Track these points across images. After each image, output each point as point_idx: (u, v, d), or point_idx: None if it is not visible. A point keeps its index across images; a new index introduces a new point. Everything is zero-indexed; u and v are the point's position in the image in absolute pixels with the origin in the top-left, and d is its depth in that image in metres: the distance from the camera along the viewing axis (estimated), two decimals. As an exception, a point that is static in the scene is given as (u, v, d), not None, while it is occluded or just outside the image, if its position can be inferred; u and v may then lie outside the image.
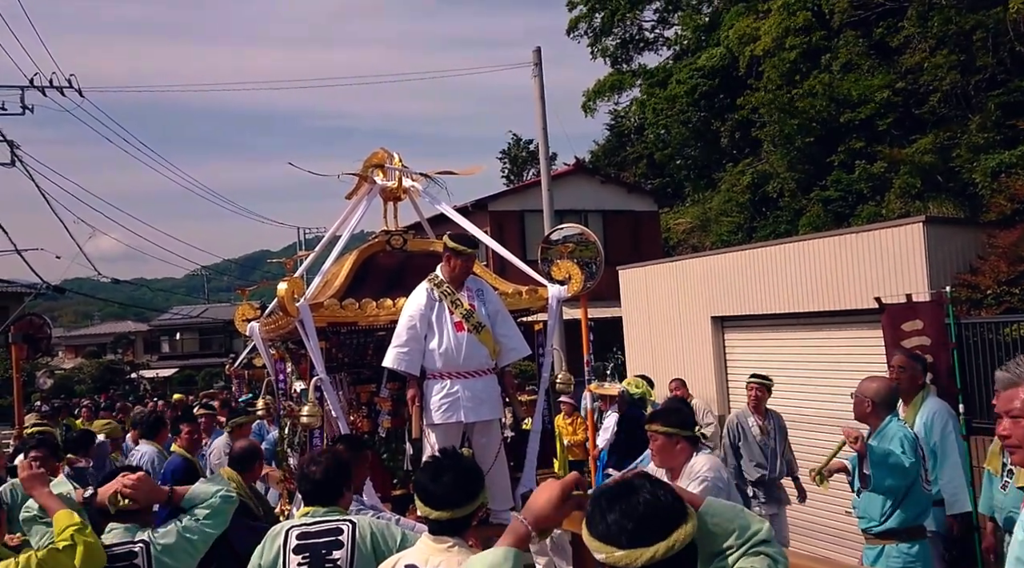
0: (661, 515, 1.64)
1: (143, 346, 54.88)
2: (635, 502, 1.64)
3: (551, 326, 5.47)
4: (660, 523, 1.63)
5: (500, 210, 20.24)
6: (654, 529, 1.61)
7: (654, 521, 1.62)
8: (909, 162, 15.34)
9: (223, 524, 3.37)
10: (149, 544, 3.14)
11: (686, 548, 1.64)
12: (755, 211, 19.98)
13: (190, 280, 74.92)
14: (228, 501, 3.38)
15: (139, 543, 3.15)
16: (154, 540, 3.16)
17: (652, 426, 4.11)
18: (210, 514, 3.30)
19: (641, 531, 1.61)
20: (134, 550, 3.13)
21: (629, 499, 1.65)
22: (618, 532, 1.61)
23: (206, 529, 3.30)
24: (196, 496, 3.35)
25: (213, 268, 54.27)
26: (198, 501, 3.32)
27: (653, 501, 1.65)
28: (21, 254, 19.57)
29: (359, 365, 5.18)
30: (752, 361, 9.43)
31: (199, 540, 3.28)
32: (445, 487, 2.71)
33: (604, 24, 27.24)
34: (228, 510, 3.38)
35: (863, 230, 8.20)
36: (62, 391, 34.66)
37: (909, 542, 4.42)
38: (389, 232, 5.54)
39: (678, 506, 1.68)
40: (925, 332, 6.83)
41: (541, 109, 16.26)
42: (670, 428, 4.02)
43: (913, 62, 15.87)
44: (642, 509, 1.63)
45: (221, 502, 3.34)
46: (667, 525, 1.63)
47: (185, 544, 3.23)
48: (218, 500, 3.34)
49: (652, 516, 1.63)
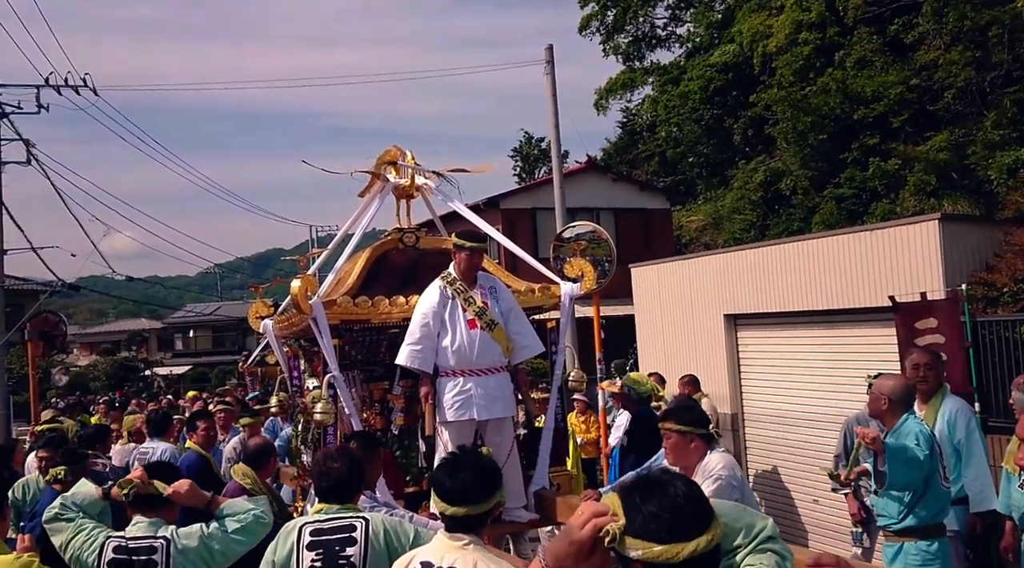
0: (699, 508, 1.60)
1: (157, 343, 55.21)
2: (672, 494, 1.59)
3: (564, 324, 5.46)
4: (699, 516, 1.58)
5: (512, 208, 20.24)
6: (694, 522, 1.56)
7: (693, 514, 1.57)
8: (924, 159, 15.24)
9: (250, 543, 3.34)
10: (171, 542, 3.16)
11: (717, 545, 1.60)
12: (768, 209, 19.89)
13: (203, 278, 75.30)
14: (260, 523, 3.36)
15: (160, 539, 3.17)
16: (176, 539, 3.17)
17: (666, 424, 4.10)
18: (239, 529, 3.29)
19: (681, 524, 1.55)
20: (154, 545, 3.15)
21: (665, 491, 1.59)
22: (657, 527, 1.54)
23: (231, 544, 3.28)
24: (233, 509, 3.37)
25: (226, 266, 54.52)
26: (232, 513, 3.33)
27: (689, 493, 1.60)
28: (37, 252, 19.70)
29: (372, 362, 5.19)
30: (765, 359, 9.40)
31: (220, 551, 3.25)
32: (463, 484, 2.72)
33: (616, 21, 27.17)
34: (258, 531, 3.36)
35: (878, 228, 8.15)
36: (77, 388, 34.91)
37: (928, 540, 4.38)
38: (402, 230, 5.55)
39: (708, 500, 1.64)
40: (940, 330, 6.79)
41: (553, 107, 16.24)
42: (684, 426, 4.01)
43: (928, 58, 15.76)
44: (681, 501, 1.58)
45: (253, 521, 3.33)
46: (705, 517, 1.59)
47: (205, 552, 3.21)
48: (251, 517, 3.33)
49: (691, 508, 1.58)
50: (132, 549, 3.14)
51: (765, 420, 9.29)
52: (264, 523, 3.39)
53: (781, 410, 8.99)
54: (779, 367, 9.10)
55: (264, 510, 3.42)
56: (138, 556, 3.12)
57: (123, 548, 3.16)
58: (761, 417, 9.37)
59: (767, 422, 9.25)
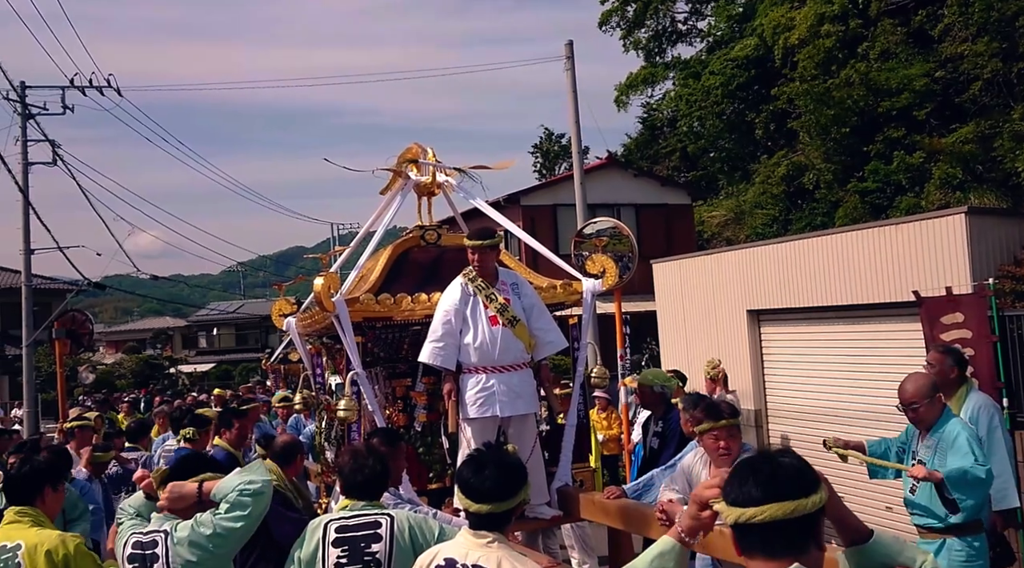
0: (806, 472, 1.78)
1: (181, 341, 55.72)
2: (784, 462, 1.79)
3: (586, 320, 5.44)
4: (807, 478, 1.77)
5: (532, 205, 20.23)
6: (803, 484, 1.74)
7: (801, 477, 1.76)
8: (949, 152, 15.07)
9: (244, 519, 3.16)
10: (168, 534, 3.19)
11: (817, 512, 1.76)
12: (790, 203, 19.75)
13: (226, 276, 75.89)
14: (246, 494, 3.17)
15: (161, 532, 3.21)
16: (172, 531, 3.19)
17: (720, 423, 4.08)
18: (228, 508, 3.16)
19: (791, 484, 1.73)
20: (156, 539, 3.20)
21: (777, 460, 1.81)
22: (781, 483, 1.74)
23: (223, 523, 3.14)
24: (222, 490, 3.25)
25: (249, 264, 54.91)
26: (222, 496, 3.23)
27: (797, 461, 1.81)
28: (63, 251, 19.97)
29: (395, 359, 5.21)
30: (789, 355, 9.34)
31: (213, 535, 3.13)
32: (487, 481, 2.72)
33: (636, 16, 27.08)
34: (247, 503, 3.17)
35: (903, 222, 8.07)
36: (103, 386, 35.30)
37: (973, 535, 4.33)
38: (423, 227, 5.55)
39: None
40: (966, 325, 6.70)
41: (573, 103, 16.20)
42: (734, 419, 4.06)
43: (953, 50, 15.57)
44: (797, 463, 1.79)
45: (237, 496, 3.16)
46: (813, 480, 1.77)
47: (197, 538, 3.13)
48: (234, 494, 3.17)
49: (799, 473, 1.77)
50: (144, 543, 3.21)
51: (789, 416, 9.23)
52: (251, 492, 3.18)
53: (805, 406, 8.93)
54: (803, 363, 9.04)
55: (250, 480, 3.21)
56: (147, 550, 3.20)
57: (139, 543, 3.23)
58: (785, 413, 9.31)
59: (791, 418, 9.19)
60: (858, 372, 8.13)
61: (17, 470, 3.85)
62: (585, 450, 5.62)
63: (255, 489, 3.20)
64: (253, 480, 3.23)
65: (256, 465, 3.46)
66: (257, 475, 3.27)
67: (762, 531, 1.73)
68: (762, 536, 1.73)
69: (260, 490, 3.21)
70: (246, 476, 3.27)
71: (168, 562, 3.15)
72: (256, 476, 3.26)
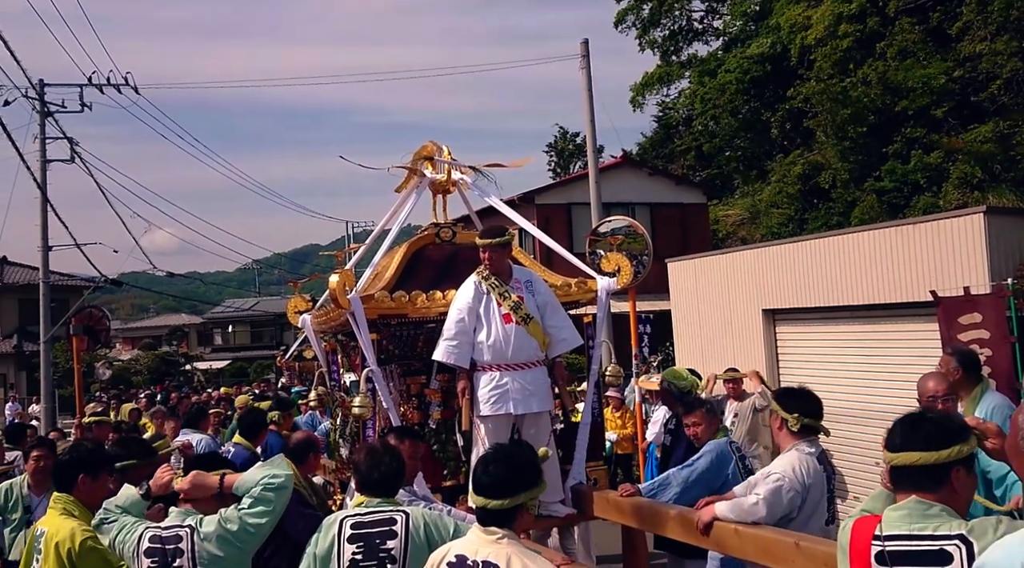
0: (954, 424, 2.40)
1: (196, 338, 56.04)
2: (929, 417, 2.43)
3: (600, 319, 5.43)
4: (954, 429, 2.37)
5: (547, 203, 20.22)
6: (951, 434, 2.33)
7: (948, 428, 2.36)
8: (968, 151, 14.95)
9: (269, 514, 3.23)
10: (195, 529, 3.21)
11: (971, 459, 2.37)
12: (806, 202, 19.65)
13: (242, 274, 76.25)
14: (269, 489, 3.23)
15: (186, 527, 3.23)
16: (198, 527, 3.22)
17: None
18: (252, 504, 3.22)
19: (941, 434, 2.33)
20: (180, 534, 3.21)
21: (924, 415, 2.45)
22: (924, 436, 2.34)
23: (249, 519, 3.20)
24: (244, 484, 3.30)
25: (264, 262, 55.16)
26: (244, 490, 3.28)
27: (945, 416, 2.47)
28: (81, 248, 20.12)
29: (409, 357, 5.21)
30: (804, 355, 9.29)
31: (239, 530, 3.19)
32: (493, 477, 2.72)
33: (652, 15, 27.01)
34: (271, 499, 3.23)
35: (921, 221, 8.01)
36: (119, 382, 35.58)
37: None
38: (438, 225, 5.56)
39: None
40: (984, 326, 6.65)
41: (589, 101, 16.16)
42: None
43: (972, 49, 15.45)
44: (942, 417, 2.45)
45: (261, 491, 3.23)
46: (962, 430, 2.38)
47: (224, 533, 3.18)
48: (258, 489, 3.23)
49: (945, 424, 2.39)
50: (164, 538, 3.22)
51: (804, 416, 9.16)
52: (274, 487, 3.24)
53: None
54: (819, 362, 8.99)
55: (273, 474, 3.27)
56: (168, 545, 3.20)
57: (158, 537, 3.24)
58: (800, 413, 9.24)
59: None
60: (874, 372, 8.08)
61: (61, 458, 4.00)
62: (599, 448, 5.61)
63: (278, 484, 3.27)
64: (276, 474, 3.29)
65: (278, 459, 3.49)
66: (279, 469, 3.33)
67: (896, 472, 2.38)
68: (897, 475, 2.37)
69: (283, 485, 3.29)
70: (268, 470, 3.32)
71: (194, 556, 3.17)
72: (278, 470, 3.32)
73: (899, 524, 2.31)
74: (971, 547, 2.16)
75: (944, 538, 2.21)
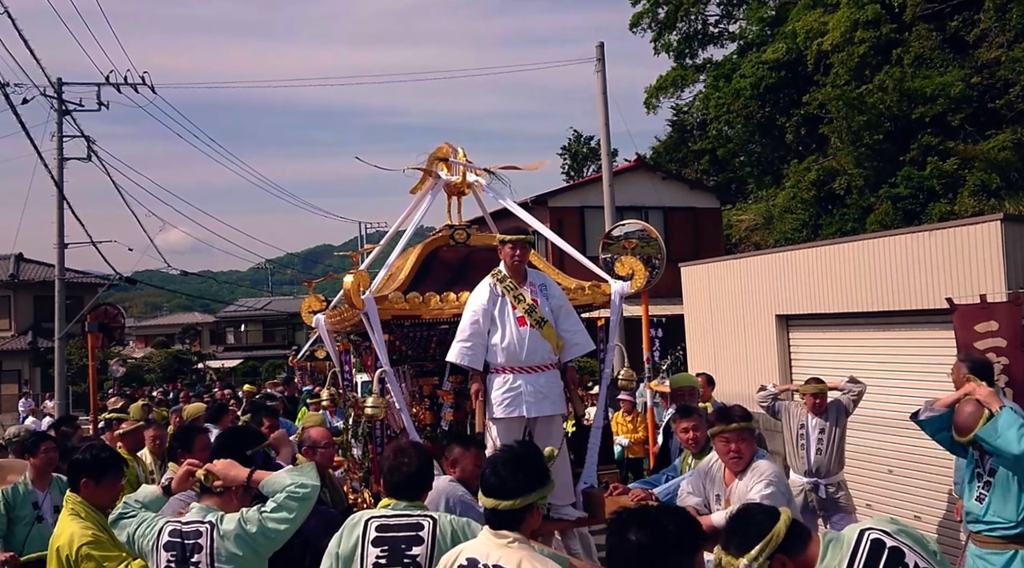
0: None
1: (209, 337, 56.29)
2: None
3: (613, 322, 5.43)
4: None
5: (560, 206, 20.20)
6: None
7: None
8: (984, 158, 14.87)
9: (289, 521, 3.21)
10: (215, 526, 3.22)
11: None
12: (821, 208, 19.58)
13: (255, 273, 76.57)
14: (294, 498, 3.21)
15: (206, 523, 3.23)
16: (219, 523, 3.22)
17: (731, 426, 4.06)
18: (275, 508, 3.20)
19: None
20: (200, 529, 3.22)
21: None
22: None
23: (268, 524, 3.18)
24: (271, 485, 3.28)
25: (277, 261, 55.36)
26: (270, 491, 3.27)
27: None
28: (96, 246, 20.28)
29: (422, 358, 5.22)
30: (818, 361, 9.24)
31: (259, 533, 3.18)
32: (499, 478, 2.72)
33: (668, 19, 26.96)
34: (294, 507, 3.21)
35: (937, 228, 7.96)
36: (132, 380, 35.76)
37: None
38: (452, 226, 5.57)
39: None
40: (1000, 334, 6.59)
41: (603, 105, 16.16)
42: (745, 422, 4.03)
43: (990, 56, 15.38)
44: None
45: (286, 498, 3.20)
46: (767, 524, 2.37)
47: (243, 534, 3.17)
48: (284, 495, 3.21)
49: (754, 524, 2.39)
50: (184, 532, 3.23)
51: (817, 423, 9.11)
52: (300, 497, 3.22)
53: (833, 413, 8.81)
54: (833, 369, 8.91)
55: (302, 483, 3.25)
56: (188, 539, 3.21)
57: (177, 532, 3.24)
58: (812, 420, 9.19)
59: (819, 425, 9.07)
60: (889, 379, 8.02)
61: (73, 457, 4.09)
62: (611, 452, 5.60)
63: (303, 493, 3.23)
64: (304, 483, 3.25)
65: (308, 468, 3.43)
66: (308, 478, 3.29)
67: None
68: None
69: (308, 496, 3.25)
70: (297, 477, 3.28)
71: (212, 553, 3.17)
72: (307, 479, 3.28)
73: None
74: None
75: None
